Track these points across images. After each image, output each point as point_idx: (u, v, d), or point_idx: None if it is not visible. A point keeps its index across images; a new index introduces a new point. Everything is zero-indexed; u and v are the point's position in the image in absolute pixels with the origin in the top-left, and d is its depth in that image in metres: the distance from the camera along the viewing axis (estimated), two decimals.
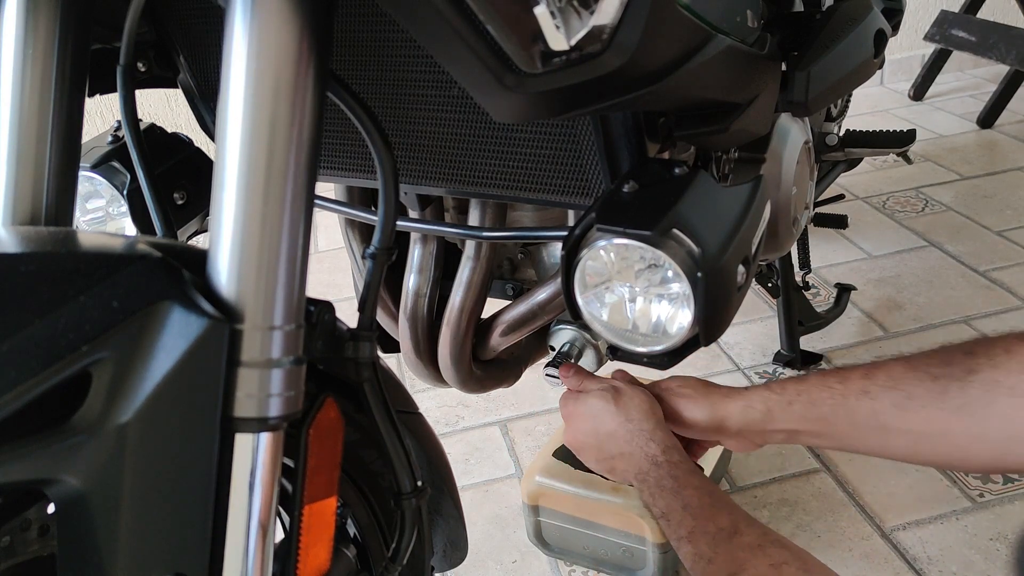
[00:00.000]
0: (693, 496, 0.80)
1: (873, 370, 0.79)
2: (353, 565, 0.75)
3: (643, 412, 0.88)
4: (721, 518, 0.77)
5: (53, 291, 0.46)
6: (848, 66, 0.88)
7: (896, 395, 0.76)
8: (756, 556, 0.73)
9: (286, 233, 0.52)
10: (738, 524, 0.76)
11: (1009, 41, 2.39)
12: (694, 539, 0.77)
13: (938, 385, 0.73)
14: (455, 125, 0.81)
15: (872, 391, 0.77)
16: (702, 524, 0.77)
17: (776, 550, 0.73)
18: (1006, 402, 0.69)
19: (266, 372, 0.51)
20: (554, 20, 0.50)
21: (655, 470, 0.84)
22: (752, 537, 0.75)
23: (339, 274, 2.13)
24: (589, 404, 0.92)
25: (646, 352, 0.77)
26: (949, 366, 0.73)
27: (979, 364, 0.71)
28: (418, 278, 0.99)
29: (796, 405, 0.82)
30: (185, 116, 2.34)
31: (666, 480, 0.82)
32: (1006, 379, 0.69)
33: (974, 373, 0.71)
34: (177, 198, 0.90)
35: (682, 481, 0.82)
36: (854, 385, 0.79)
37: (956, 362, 0.73)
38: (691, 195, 0.68)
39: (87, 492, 0.47)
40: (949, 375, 0.72)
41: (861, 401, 0.78)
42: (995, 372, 0.70)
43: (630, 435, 0.87)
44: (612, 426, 0.89)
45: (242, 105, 0.51)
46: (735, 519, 0.77)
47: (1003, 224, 2.08)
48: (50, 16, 0.60)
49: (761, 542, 0.74)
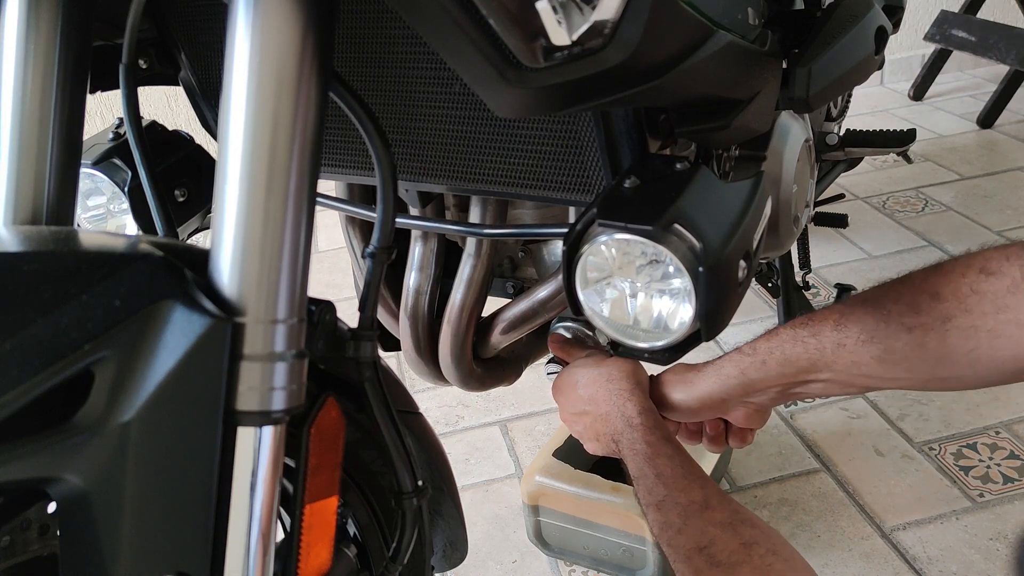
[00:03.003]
0: (666, 465, 0.79)
1: (844, 320, 0.77)
2: (353, 565, 0.75)
3: (624, 372, 0.88)
4: (694, 491, 0.77)
5: (55, 290, 0.46)
6: (849, 63, 0.88)
7: (874, 348, 0.74)
8: (726, 532, 0.72)
9: (288, 229, 0.52)
10: (710, 499, 0.76)
11: (1009, 41, 2.39)
12: (664, 508, 0.76)
13: (914, 337, 0.72)
14: (456, 121, 0.81)
15: (848, 344, 0.76)
16: (674, 494, 0.76)
17: (747, 529, 0.73)
18: (987, 345, 0.68)
19: (268, 365, 0.51)
20: (556, 15, 0.50)
21: (629, 431, 0.83)
22: (723, 514, 0.74)
23: (339, 274, 2.13)
24: (574, 372, 0.93)
25: (647, 348, 0.77)
26: (919, 314, 0.71)
27: (951, 309, 0.70)
28: (419, 276, 0.99)
29: (770, 363, 0.81)
30: (185, 115, 2.34)
31: (639, 444, 0.82)
32: (983, 322, 0.68)
33: (949, 321, 0.70)
34: (178, 195, 0.90)
35: (656, 448, 0.81)
36: (828, 338, 0.78)
37: (925, 308, 0.71)
38: (692, 191, 0.68)
39: (89, 491, 0.47)
40: (924, 325, 0.71)
41: (839, 353, 0.77)
42: (970, 317, 0.69)
43: (609, 394, 0.87)
44: (593, 388, 0.89)
45: (244, 102, 0.51)
46: (707, 494, 0.76)
47: (1003, 224, 2.08)
48: (52, 13, 0.60)
49: (732, 520, 0.74)
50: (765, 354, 0.82)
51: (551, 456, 1.24)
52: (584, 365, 0.92)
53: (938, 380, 0.73)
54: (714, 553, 0.71)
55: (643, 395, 0.87)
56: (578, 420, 0.92)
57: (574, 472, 1.21)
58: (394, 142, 0.85)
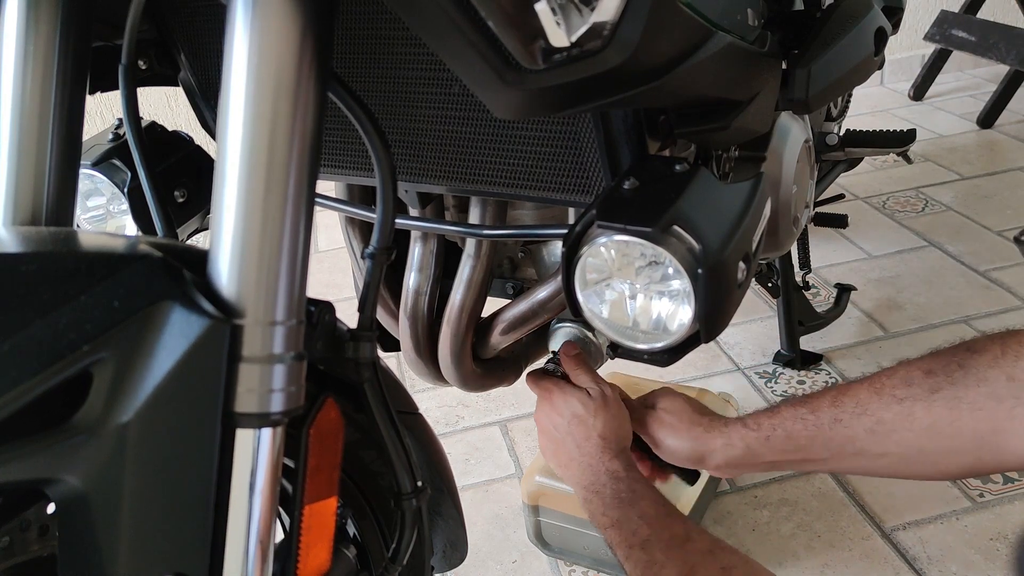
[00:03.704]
0: (649, 507, 0.83)
1: (840, 397, 0.82)
2: (353, 565, 0.74)
3: (617, 435, 0.91)
4: (675, 526, 0.81)
5: (54, 291, 0.45)
6: (849, 64, 0.88)
7: (867, 421, 0.79)
8: (707, 560, 0.76)
9: (287, 230, 0.52)
10: (690, 532, 0.80)
11: (1009, 41, 2.39)
12: (648, 546, 0.79)
13: (903, 408, 0.76)
14: (456, 122, 0.81)
15: (843, 419, 0.81)
16: (657, 532, 0.80)
17: (726, 556, 0.77)
18: (969, 417, 0.72)
19: (267, 367, 0.51)
20: (555, 16, 0.50)
21: (614, 483, 0.86)
22: (703, 544, 0.78)
23: (339, 274, 2.13)
24: (570, 400, 0.93)
25: (646, 349, 0.77)
26: (910, 387, 0.76)
27: (939, 383, 0.74)
28: (418, 276, 0.99)
29: (773, 440, 0.85)
30: (185, 115, 2.34)
31: (624, 493, 0.85)
32: (965, 394, 0.72)
33: (936, 392, 0.74)
34: (177, 196, 0.90)
35: (639, 493, 0.85)
36: (825, 415, 0.82)
37: (917, 382, 0.76)
38: (692, 192, 0.68)
39: (88, 492, 0.47)
40: (913, 397, 0.76)
41: (835, 429, 0.81)
42: (954, 389, 0.73)
43: (597, 449, 0.89)
44: (582, 434, 0.91)
45: (243, 103, 0.51)
46: (687, 528, 0.81)
47: (1003, 224, 2.08)
48: (51, 14, 0.60)
49: (712, 548, 0.78)
50: (768, 431, 0.86)
51: None
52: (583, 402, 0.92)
53: (923, 454, 0.77)
54: None
55: (627, 456, 0.90)
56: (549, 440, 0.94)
57: None
58: (394, 143, 0.85)
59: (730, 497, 1.37)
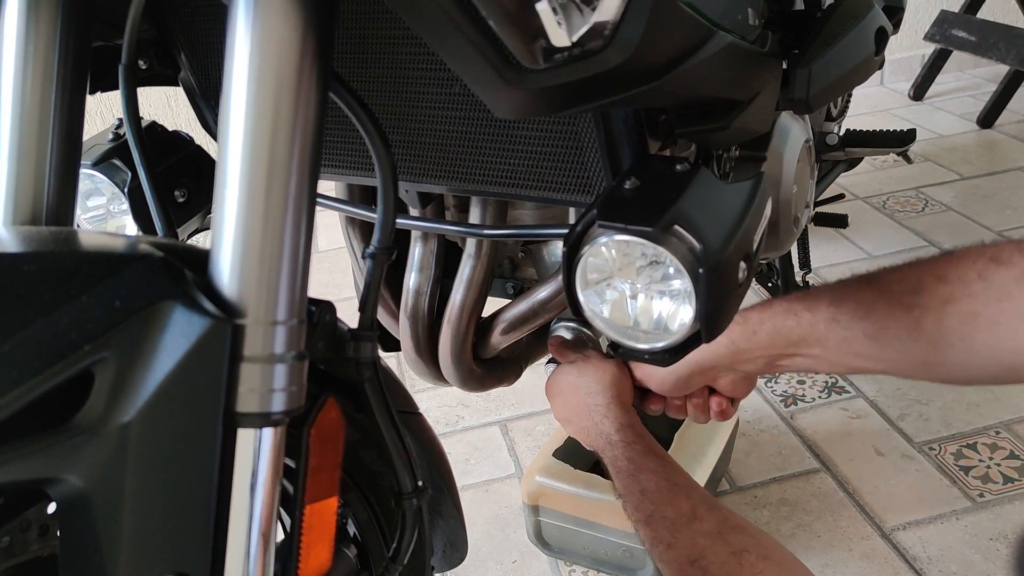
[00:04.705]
0: (651, 480, 0.79)
1: (842, 296, 0.76)
2: (353, 565, 0.75)
3: (602, 386, 0.87)
4: (680, 503, 0.76)
5: (55, 291, 0.45)
6: (849, 63, 0.88)
7: (868, 325, 0.73)
8: (716, 543, 0.72)
9: (288, 230, 0.52)
10: (697, 509, 0.75)
11: (1009, 41, 2.39)
12: (652, 523, 0.76)
13: (912, 317, 0.70)
14: (456, 122, 0.81)
15: (842, 319, 0.75)
16: (660, 509, 0.76)
17: (736, 536, 0.73)
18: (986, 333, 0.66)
19: (268, 367, 0.51)
20: (556, 16, 0.50)
21: (610, 449, 0.83)
22: (712, 524, 0.74)
23: (339, 274, 2.13)
24: (560, 377, 0.93)
25: (647, 349, 0.77)
26: (921, 294, 0.70)
27: (954, 292, 0.68)
28: (419, 276, 0.99)
29: (760, 334, 0.81)
30: (185, 115, 2.34)
31: (621, 461, 0.81)
32: (984, 309, 0.66)
33: (950, 303, 0.68)
34: (178, 196, 0.90)
35: (638, 464, 0.81)
36: (822, 313, 0.77)
37: (928, 289, 0.69)
38: (692, 192, 0.68)
39: (89, 492, 0.47)
40: (923, 305, 0.69)
41: (832, 329, 0.76)
42: (972, 302, 0.67)
43: (587, 409, 0.87)
44: (575, 400, 0.89)
45: (245, 103, 0.51)
46: (694, 504, 0.76)
47: (1003, 224, 2.08)
48: (51, 14, 0.60)
49: (721, 528, 0.73)
50: (756, 324, 0.81)
51: (551, 456, 1.24)
52: (567, 373, 0.92)
53: (926, 366, 0.71)
54: (706, 566, 0.71)
55: (620, 408, 0.86)
56: (567, 425, 0.93)
57: (574, 472, 1.21)
58: (394, 143, 0.85)
59: (730, 497, 1.37)
